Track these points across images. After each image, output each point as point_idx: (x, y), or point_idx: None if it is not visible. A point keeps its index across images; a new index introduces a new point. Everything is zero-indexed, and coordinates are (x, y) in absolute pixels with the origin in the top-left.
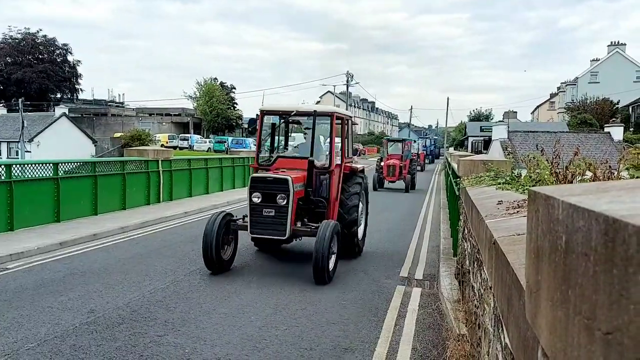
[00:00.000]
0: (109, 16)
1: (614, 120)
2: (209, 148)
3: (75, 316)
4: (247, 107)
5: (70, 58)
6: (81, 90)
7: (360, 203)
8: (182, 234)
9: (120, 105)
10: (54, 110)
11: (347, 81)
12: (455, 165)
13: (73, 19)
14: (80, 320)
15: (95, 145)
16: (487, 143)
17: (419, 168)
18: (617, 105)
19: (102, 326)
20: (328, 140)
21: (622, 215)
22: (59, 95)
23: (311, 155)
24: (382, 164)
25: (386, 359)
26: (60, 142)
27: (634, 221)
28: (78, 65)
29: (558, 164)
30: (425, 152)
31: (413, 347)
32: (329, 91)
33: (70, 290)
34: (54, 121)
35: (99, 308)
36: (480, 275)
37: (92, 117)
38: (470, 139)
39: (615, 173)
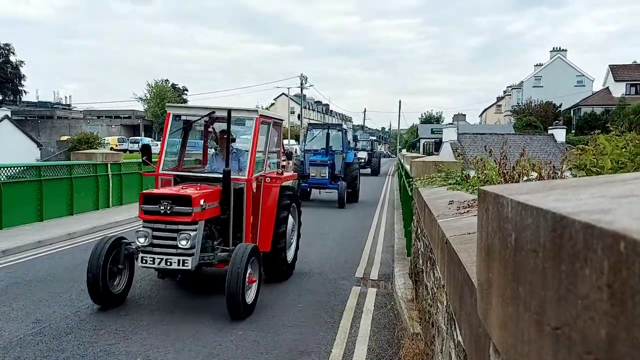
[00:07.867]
0: (54, 13)
1: (557, 123)
2: None
3: (20, 327)
4: None
5: (12, 58)
6: (25, 92)
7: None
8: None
9: (67, 107)
10: None
11: (302, 84)
12: (407, 167)
13: (16, 16)
14: (25, 331)
15: (40, 149)
16: (438, 145)
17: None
18: (559, 109)
19: (48, 336)
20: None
21: (568, 212)
22: (0, 97)
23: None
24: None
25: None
26: (3, 146)
27: (580, 217)
28: (21, 66)
29: (505, 165)
30: (327, 164)
31: (369, 347)
32: (283, 93)
33: (14, 300)
34: None
35: (45, 318)
36: (434, 274)
37: (37, 119)
38: (422, 141)
39: (559, 173)
